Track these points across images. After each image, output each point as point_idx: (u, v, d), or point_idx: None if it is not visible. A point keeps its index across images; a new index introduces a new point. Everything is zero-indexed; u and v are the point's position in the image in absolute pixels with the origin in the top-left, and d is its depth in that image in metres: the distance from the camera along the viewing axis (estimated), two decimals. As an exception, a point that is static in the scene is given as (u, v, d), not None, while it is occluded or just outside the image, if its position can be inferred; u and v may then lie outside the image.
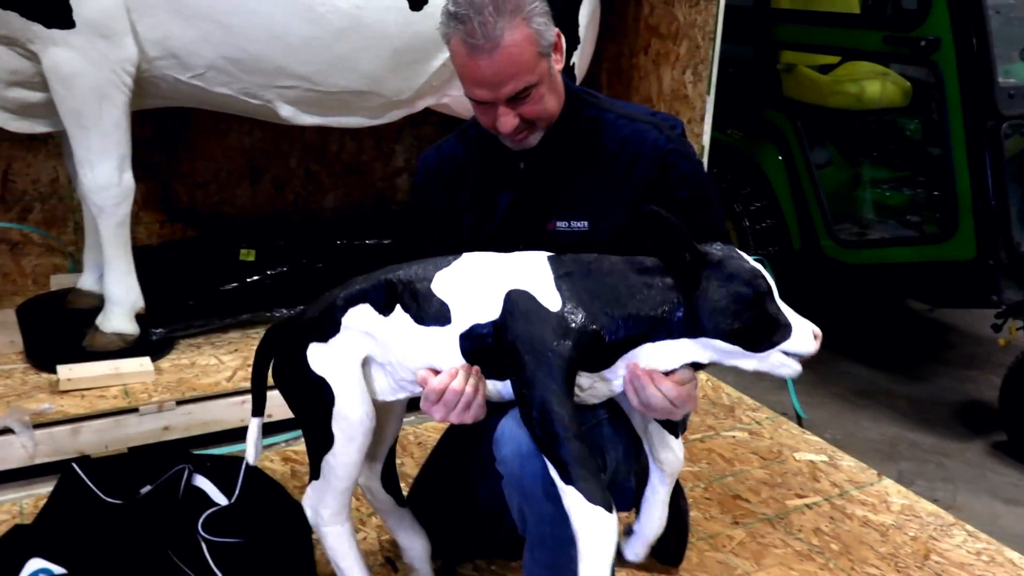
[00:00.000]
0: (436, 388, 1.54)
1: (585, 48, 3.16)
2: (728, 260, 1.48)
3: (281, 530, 2.10)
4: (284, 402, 2.70)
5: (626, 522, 2.37)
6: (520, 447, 1.55)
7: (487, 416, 1.63)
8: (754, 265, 1.50)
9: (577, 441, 1.42)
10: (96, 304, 2.96)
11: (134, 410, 2.51)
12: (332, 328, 1.63)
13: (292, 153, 3.64)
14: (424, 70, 2.90)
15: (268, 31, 2.61)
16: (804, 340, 1.48)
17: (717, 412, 3.12)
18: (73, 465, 2.26)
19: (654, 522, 1.80)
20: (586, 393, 1.57)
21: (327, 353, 1.64)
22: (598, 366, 1.52)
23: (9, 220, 3.22)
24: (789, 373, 1.51)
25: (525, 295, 1.49)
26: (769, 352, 1.48)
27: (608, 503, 1.42)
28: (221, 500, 2.24)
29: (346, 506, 1.74)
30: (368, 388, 1.68)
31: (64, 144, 2.95)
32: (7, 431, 2.37)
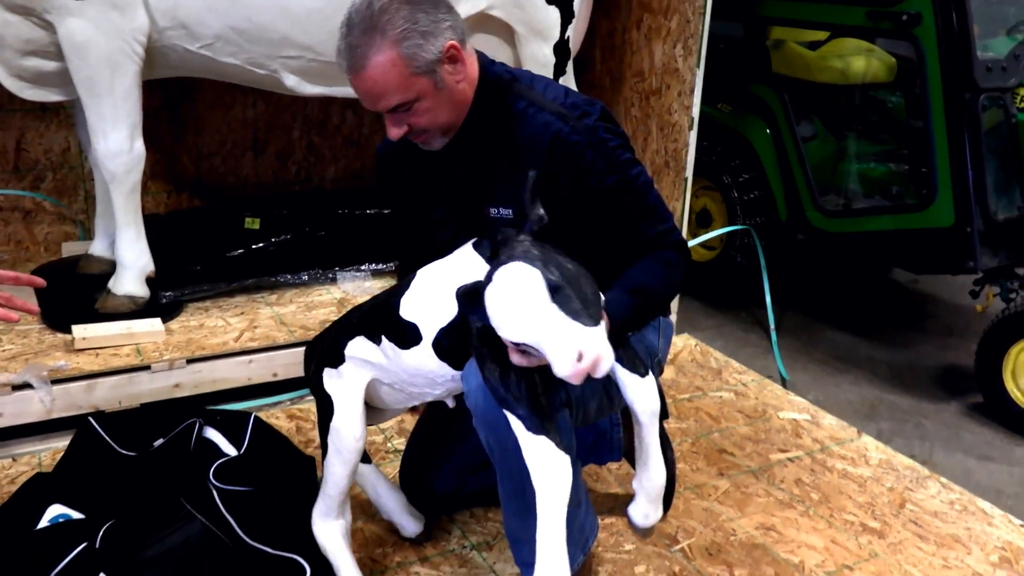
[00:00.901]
0: None
1: (579, 23, 3.25)
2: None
3: (289, 479, 2.20)
4: (288, 362, 2.84)
5: (617, 474, 2.52)
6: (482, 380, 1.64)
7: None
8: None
9: (531, 394, 1.56)
10: (107, 269, 3.04)
11: (146, 368, 2.60)
12: (339, 358, 1.82)
13: (295, 126, 3.72)
14: (424, 43, 2.98)
15: (273, 2, 2.68)
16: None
17: (705, 374, 3.23)
18: (89, 419, 2.34)
19: (652, 473, 1.80)
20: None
21: (336, 377, 1.83)
22: None
23: (22, 188, 3.31)
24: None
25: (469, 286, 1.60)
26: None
27: (567, 449, 1.56)
28: (231, 451, 2.33)
29: (335, 509, 1.89)
30: (382, 403, 1.89)
31: (77, 114, 3.03)
32: (26, 386, 2.46)
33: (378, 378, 1.82)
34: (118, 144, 2.70)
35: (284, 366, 2.79)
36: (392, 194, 2.04)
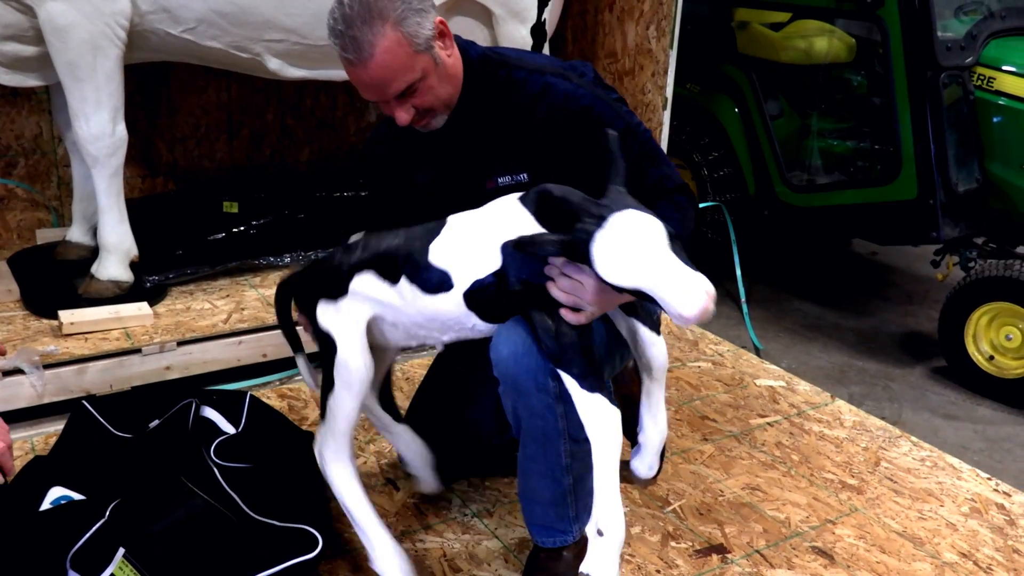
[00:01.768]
0: None
1: (554, 6, 3.30)
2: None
3: (286, 455, 2.21)
4: (278, 342, 2.86)
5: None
6: (516, 348, 1.67)
7: (475, 348, 1.79)
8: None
9: (588, 353, 1.59)
10: (85, 255, 3.03)
11: (137, 351, 2.60)
12: (339, 291, 1.77)
13: (268, 108, 3.72)
14: (405, 24, 3.01)
15: None
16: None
17: (682, 346, 3.33)
18: (84, 403, 2.33)
19: (657, 429, 1.86)
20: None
21: (333, 311, 1.78)
22: None
23: (-1, 176, 3.28)
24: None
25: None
26: None
27: (616, 404, 1.60)
28: (229, 429, 2.35)
29: (346, 448, 1.85)
30: (381, 338, 1.84)
31: (54, 99, 3.01)
32: (16, 371, 2.44)
33: (380, 315, 1.79)
34: (100, 127, 2.68)
35: (274, 346, 2.81)
36: (377, 172, 2.04)
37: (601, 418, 1.59)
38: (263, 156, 3.78)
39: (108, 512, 1.93)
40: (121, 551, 1.83)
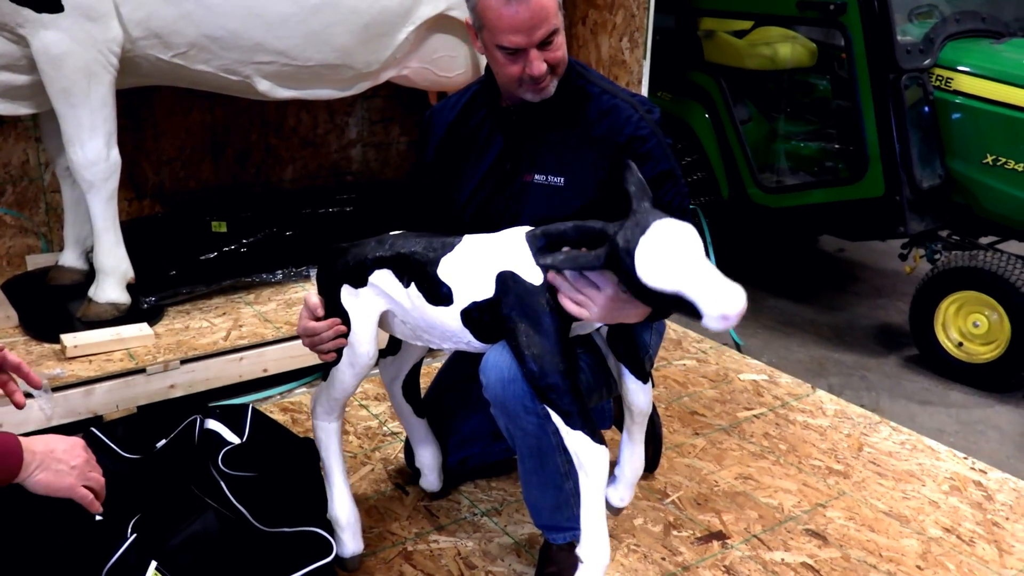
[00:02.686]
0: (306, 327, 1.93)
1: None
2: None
3: (289, 463, 2.26)
4: (277, 357, 2.91)
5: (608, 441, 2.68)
6: (503, 374, 1.78)
7: (473, 362, 1.90)
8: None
9: (574, 391, 1.68)
10: (78, 279, 3.08)
11: (141, 371, 2.65)
12: (361, 281, 1.89)
13: (252, 128, 3.78)
14: (390, 43, 3.08)
15: (247, 9, 2.74)
16: None
17: (666, 345, 3.44)
18: (92, 429, 2.37)
19: (634, 465, 2.07)
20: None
21: (354, 296, 1.91)
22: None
23: (-10, 207, 3.29)
24: None
25: (512, 275, 1.72)
26: None
27: (602, 439, 1.70)
28: (234, 439, 2.40)
29: (335, 410, 2.06)
30: (392, 330, 1.98)
31: (44, 126, 3.03)
32: (26, 395, 2.47)
33: (392, 311, 1.91)
34: (95, 152, 2.72)
35: (274, 361, 2.88)
36: (428, 153, 2.11)
37: (585, 456, 1.69)
38: (248, 175, 3.83)
39: (131, 528, 1.98)
40: (153, 564, 1.89)
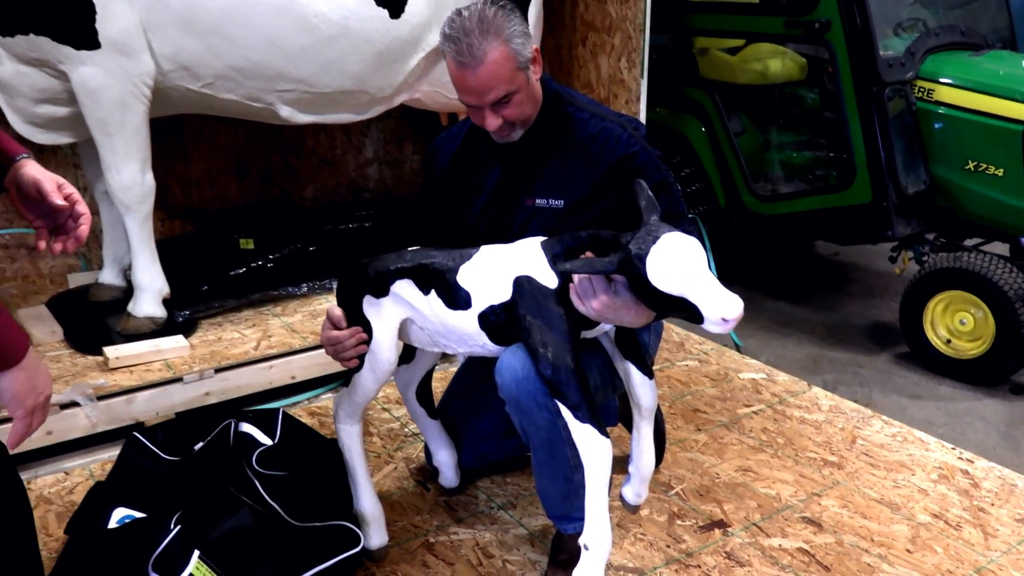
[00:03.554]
0: (329, 336, 2.05)
1: (533, 43, 3.59)
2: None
3: (318, 463, 2.42)
4: (305, 365, 3.08)
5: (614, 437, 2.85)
6: (516, 374, 1.89)
7: (484, 366, 2.04)
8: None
9: (583, 386, 1.78)
10: (117, 296, 3.25)
11: (179, 380, 2.82)
12: (383, 291, 2.03)
13: (274, 150, 3.96)
14: (402, 69, 3.25)
15: (268, 41, 2.91)
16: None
17: (669, 347, 3.60)
18: (135, 434, 2.53)
19: (646, 461, 2.11)
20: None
21: (376, 306, 2.05)
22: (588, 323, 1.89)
23: (26, 227, 3.45)
24: None
25: (528, 279, 1.85)
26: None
27: (607, 434, 1.80)
28: (266, 441, 2.54)
29: (357, 413, 2.17)
30: (409, 338, 2.11)
31: (83, 153, 3.22)
32: (72, 404, 2.65)
33: (412, 319, 2.02)
34: (131, 177, 2.90)
35: (301, 368, 3.05)
36: (434, 175, 2.23)
37: (591, 447, 1.79)
38: (271, 194, 4.02)
39: (175, 522, 2.16)
40: (196, 553, 2.07)
